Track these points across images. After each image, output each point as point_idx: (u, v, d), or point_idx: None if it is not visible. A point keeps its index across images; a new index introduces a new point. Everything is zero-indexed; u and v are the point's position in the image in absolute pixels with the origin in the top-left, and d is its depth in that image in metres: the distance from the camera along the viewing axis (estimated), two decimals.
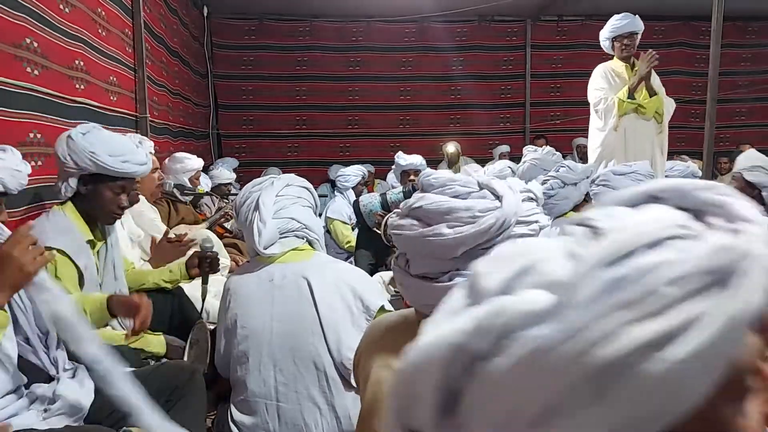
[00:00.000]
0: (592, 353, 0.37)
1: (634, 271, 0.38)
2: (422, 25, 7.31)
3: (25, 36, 2.39)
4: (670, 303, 0.37)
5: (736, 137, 7.33)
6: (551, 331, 0.38)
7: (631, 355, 0.36)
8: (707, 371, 0.37)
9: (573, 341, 0.37)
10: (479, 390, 0.40)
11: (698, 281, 0.38)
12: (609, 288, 0.38)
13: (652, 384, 0.36)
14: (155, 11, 4.58)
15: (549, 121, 7.71)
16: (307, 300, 1.75)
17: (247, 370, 1.75)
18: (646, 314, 0.37)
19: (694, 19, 7.54)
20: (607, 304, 0.38)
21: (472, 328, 0.41)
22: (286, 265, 1.81)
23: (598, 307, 0.38)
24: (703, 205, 0.44)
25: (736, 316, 0.37)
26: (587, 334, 0.37)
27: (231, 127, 7.29)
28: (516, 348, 0.39)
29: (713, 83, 3.83)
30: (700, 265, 0.38)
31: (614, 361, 0.36)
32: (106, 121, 3.30)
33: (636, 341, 0.36)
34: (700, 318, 0.37)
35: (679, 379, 0.36)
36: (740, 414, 0.41)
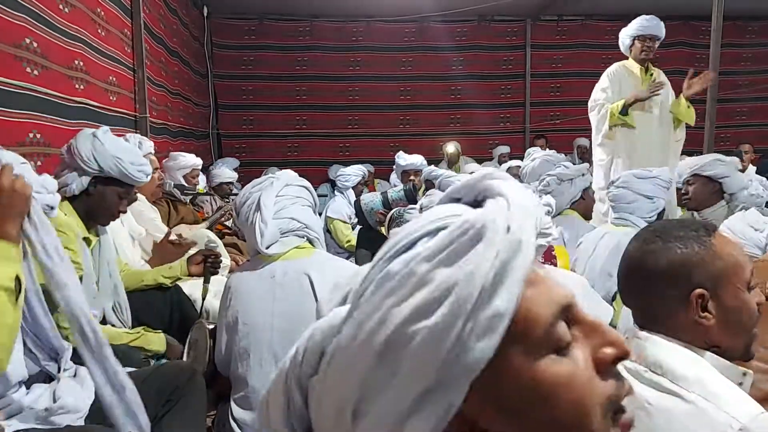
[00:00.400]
0: (373, 339, 0.43)
1: (400, 261, 0.45)
2: (422, 25, 7.31)
3: (25, 36, 2.39)
4: (423, 278, 0.43)
5: (736, 137, 7.32)
6: (345, 333, 0.45)
7: (399, 331, 0.42)
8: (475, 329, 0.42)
9: (358, 335, 0.44)
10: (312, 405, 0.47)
11: (448, 253, 0.44)
12: (380, 282, 0.45)
13: (422, 349, 0.42)
14: (155, 11, 4.58)
15: (549, 121, 7.71)
16: (309, 296, 1.75)
17: (249, 366, 1.75)
18: (407, 293, 0.43)
19: (694, 19, 7.54)
20: (379, 295, 0.44)
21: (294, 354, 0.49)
22: (287, 262, 1.82)
23: (373, 300, 0.44)
24: (481, 193, 0.51)
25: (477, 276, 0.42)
26: (367, 325, 0.44)
27: (231, 127, 7.29)
28: (327, 358, 0.46)
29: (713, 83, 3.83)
30: (449, 238, 0.44)
31: (388, 341, 0.42)
32: (105, 121, 3.30)
33: (400, 318, 0.42)
34: (452, 284, 0.42)
35: (444, 340, 0.41)
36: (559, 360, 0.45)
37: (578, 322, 0.49)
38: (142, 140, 3.03)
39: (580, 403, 0.45)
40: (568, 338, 0.47)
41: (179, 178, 3.86)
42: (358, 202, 3.37)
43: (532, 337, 0.45)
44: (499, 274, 0.43)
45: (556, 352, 0.46)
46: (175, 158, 3.91)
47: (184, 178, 3.90)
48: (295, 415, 0.49)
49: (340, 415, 0.45)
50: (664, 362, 0.92)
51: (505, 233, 0.44)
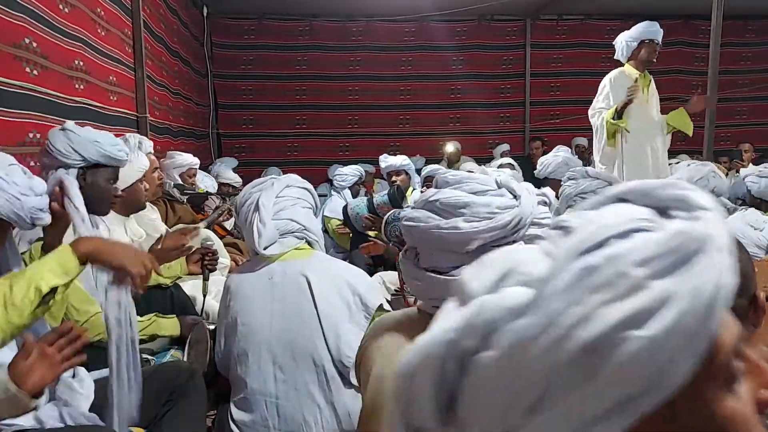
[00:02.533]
0: (572, 336, 0.39)
1: (604, 257, 0.41)
2: (422, 24, 7.31)
3: (25, 36, 2.39)
4: (639, 283, 0.40)
5: (736, 136, 7.32)
6: (532, 321, 0.41)
7: (608, 335, 0.38)
8: (686, 347, 0.39)
9: (553, 328, 0.40)
10: (474, 384, 0.43)
11: (664, 261, 0.40)
12: (581, 275, 0.41)
13: (633, 361, 0.38)
14: (155, 11, 4.58)
15: (549, 120, 7.71)
16: (307, 297, 1.75)
17: (247, 367, 1.75)
18: (619, 295, 0.39)
19: (693, 18, 7.54)
20: (581, 289, 0.40)
21: (460, 325, 0.44)
22: (286, 263, 1.82)
23: (573, 294, 0.40)
24: (665, 201, 0.47)
25: (703, 292, 0.39)
26: (565, 319, 0.39)
27: (231, 127, 7.29)
28: (502, 341, 0.41)
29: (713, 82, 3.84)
30: (665, 246, 0.41)
31: (593, 342, 0.38)
32: (106, 121, 3.30)
33: (612, 321, 0.39)
34: (671, 295, 0.39)
35: (658, 354, 0.38)
36: (729, 396, 0.43)
37: (743, 358, 0.46)
38: (141, 140, 3.03)
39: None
40: (741, 372, 0.45)
41: (176, 176, 3.86)
42: (346, 209, 3.38)
43: (716, 365, 0.42)
44: (716, 295, 0.40)
45: (729, 386, 0.44)
46: (172, 157, 3.92)
47: (181, 176, 3.89)
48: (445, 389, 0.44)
49: (511, 406, 0.41)
50: None
51: (720, 252, 0.42)
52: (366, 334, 1.18)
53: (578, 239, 0.43)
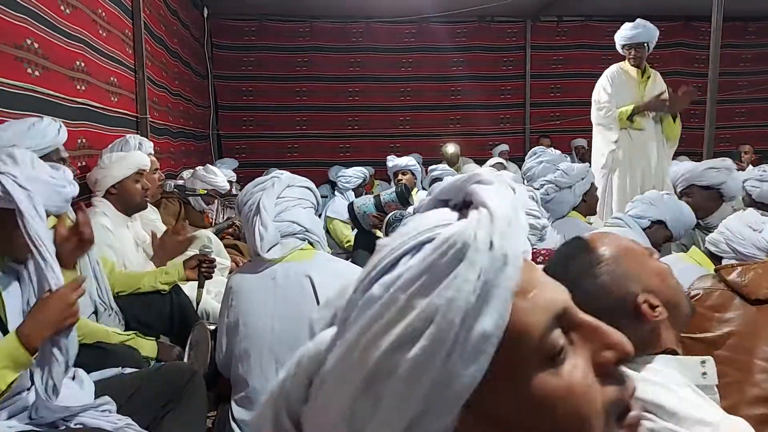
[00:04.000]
0: (358, 368, 0.42)
1: (381, 285, 0.43)
2: (422, 25, 7.32)
3: (26, 37, 2.39)
4: (406, 305, 0.42)
5: (736, 137, 7.33)
6: (329, 361, 0.44)
7: (381, 362, 0.41)
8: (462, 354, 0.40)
9: (344, 363, 0.43)
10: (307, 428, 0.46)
11: (426, 278, 0.42)
12: (363, 308, 0.44)
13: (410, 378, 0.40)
14: (155, 12, 4.59)
15: (549, 122, 7.72)
16: (310, 298, 1.74)
17: (249, 367, 1.75)
18: (389, 323, 0.42)
19: (693, 20, 7.54)
20: (362, 323, 0.43)
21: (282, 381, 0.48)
22: (288, 263, 1.81)
23: (357, 328, 0.43)
24: (466, 196, 0.49)
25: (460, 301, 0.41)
26: (352, 354, 0.42)
27: (231, 128, 7.29)
28: (315, 386, 0.45)
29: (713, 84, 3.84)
30: (426, 261, 0.43)
31: (372, 370, 0.41)
32: (106, 122, 3.31)
33: (382, 348, 0.41)
34: (433, 310, 0.41)
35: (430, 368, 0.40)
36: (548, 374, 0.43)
37: (576, 326, 0.47)
38: (142, 141, 3.03)
39: (580, 414, 0.43)
40: (561, 344, 0.45)
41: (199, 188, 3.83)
42: (352, 207, 3.37)
43: (524, 350, 0.43)
44: (483, 295, 0.41)
45: (552, 361, 0.44)
46: (213, 173, 3.87)
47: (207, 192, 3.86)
48: None
49: None
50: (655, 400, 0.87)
51: (488, 249, 0.42)
52: None
53: (372, 265, 0.46)
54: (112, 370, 1.79)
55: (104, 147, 2.94)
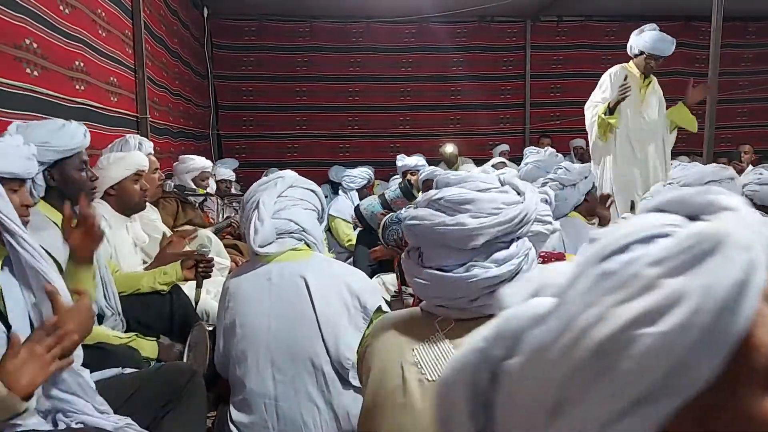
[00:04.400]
0: (586, 337, 0.40)
1: (621, 262, 0.42)
2: (422, 25, 7.32)
3: (25, 37, 2.39)
4: (652, 282, 0.40)
5: (737, 138, 7.33)
6: (550, 326, 0.42)
7: (621, 333, 0.39)
8: (703, 345, 0.39)
9: (568, 330, 0.41)
10: (504, 392, 0.45)
11: (677, 260, 0.41)
12: (597, 280, 0.42)
13: (645, 358, 0.39)
14: (155, 12, 4.59)
15: (549, 122, 7.72)
16: (305, 299, 1.74)
17: (246, 369, 1.75)
18: (631, 295, 0.40)
19: (694, 20, 7.54)
20: (596, 292, 0.41)
21: (489, 336, 0.46)
22: (284, 264, 1.80)
23: (587, 298, 0.42)
24: (697, 207, 0.47)
25: (716, 290, 0.39)
26: (580, 322, 0.41)
27: (231, 128, 7.29)
28: (525, 347, 0.43)
29: (713, 84, 3.84)
30: (678, 246, 0.41)
31: (606, 341, 0.40)
32: (106, 122, 3.31)
33: (624, 319, 0.40)
34: (684, 293, 0.39)
35: (671, 351, 0.38)
36: None
37: None
38: (142, 141, 3.02)
39: None
40: None
41: (188, 181, 3.83)
42: (358, 209, 3.36)
43: (754, 366, 0.41)
44: (736, 293, 0.40)
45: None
46: (184, 161, 3.89)
47: (194, 181, 3.87)
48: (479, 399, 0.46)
49: (535, 410, 0.43)
50: None
51: (741, 250, 0.41)
52: (368, 333, 1.19)
53: (601, 246, 0.44)
54: (112, 370, 1.79)
55: (104, 147, 2.94)
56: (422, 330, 1.06)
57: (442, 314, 1.06)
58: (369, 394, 1.10)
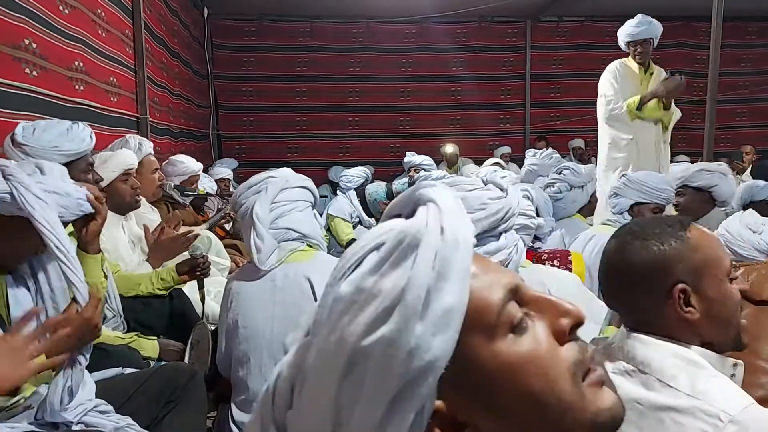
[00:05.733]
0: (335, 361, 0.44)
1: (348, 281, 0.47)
2: (422, 25, 7.31)
3: (25, 37, 2.39)
4: (371, 292, 0.45)
5: (736, 138, 7.33)
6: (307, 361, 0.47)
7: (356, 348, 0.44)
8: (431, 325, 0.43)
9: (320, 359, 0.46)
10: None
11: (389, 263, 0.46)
12: (333, 305, 0.47)
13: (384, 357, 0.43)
14: (155, 12, 4.59)
15: (549, 122, 7.71)
16: (309, 300, 1.73)
17: (249, 370, 1.74)
18: (359, 308, 0.45)
19: (694, 20, 7.54)
20: (333, 318, 0.46)
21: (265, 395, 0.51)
22: (287, 265, 1.79)
23: (329, 324, 0.46)
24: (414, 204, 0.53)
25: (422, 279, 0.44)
26: (327, 348, 0.45)
27: (231, 128, 7.29)
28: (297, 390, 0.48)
29: (713, 84, 3.84)
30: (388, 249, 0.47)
31: (350, 357, 0.44)
32: (106, 122, 3.31)
33: (356, 333, 0.44)
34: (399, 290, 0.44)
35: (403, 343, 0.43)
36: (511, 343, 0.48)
37: (530, 301, 0.51)
38: (142, 141, 3.02)
39: (547, 374, 0.48)
40: (520, 315, 0.49)
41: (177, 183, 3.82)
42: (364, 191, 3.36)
43: (487, 322, 0.47)
44: (441, 272, 0.45)
45: (513, 332, 0.48)
46: (174, 164, 3.86)
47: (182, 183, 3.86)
48: None
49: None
50: (653, 360, 0.92)
51: (440, 234, 0.46)
52: None
53: (335, 272, 0.49)
54: (112, 370, 1.79)
55: (104, 147, 2.93)
56: None
57: None
58: None
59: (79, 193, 1.51)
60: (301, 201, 1.87)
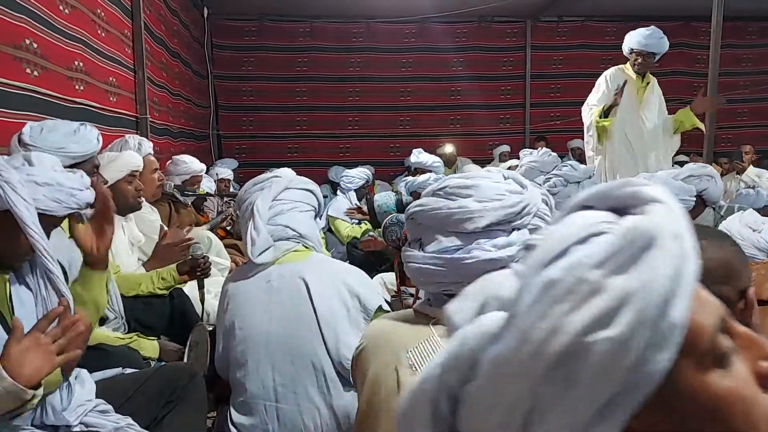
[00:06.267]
0: (544, 350, 0.40)
1: (563, 267, 0.42)
2: (422, 25, 7.31)
3: (25, 37, 2.39)
4: (597, 286, 0.41)
5: (736, 137, 7.33)
6: (506, 342, 0.42)
7: (577, 342, 0.40)
8: (654, 339, 0.40)
9: (525, 345, 0.41)
10: (468, 415, 0.44)
11: (618, 260, 0.42)
12: (544, 289, 0.42)
13: (605, 361, 0.39)
14: (155, 12, 4.59)
15: (549, 122, 7.71)
16: (305, 300, 1.73)
17: (246, 371, 1.74)
18: (580, 302, 0.41)
19: (694, 20, 7.54)
20: (545, 303, 0.42)
21: (445, 360, 0.46)
22: (283, 266, 1.79)
23: (538, 308, 0.42)
24: (622, 200, 0.48)
25: (657, 285, 0.41)
26: (535, 334, 0.41)
27: (231, 128, 7.29)
28: (484, 368, 0.43)
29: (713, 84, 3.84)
30: (616, 245, 0.42)
31: (565, 351, 0.40)
32: (106, 122, 3.30)
33: (577, 327, 0.40)
34: (629, 292, 0.40)
35: (627, 351, 0.39)
36: (720, 376, 0.44)
37: (735, 335, 0.47)
38: (141, 141, 3.02)
39: (751, 416, 0.44)
40: (728, 347, 0.45)
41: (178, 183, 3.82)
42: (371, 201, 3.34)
43: (697, 348, 0.43)
44: (675, 283, 0.41)
45: (719, 364, 0.44)
46: (177, 163, 3.88)
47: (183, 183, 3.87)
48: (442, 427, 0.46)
49: (505, 426, 0.43)
50: None
51: (674, 240, 0.43)
52: (363, 335, 1.18)
53: (540, 253, 0.45)
54: (112, 370, 1.79)
55: (104, 147, 2.93)
56: (417, 332, 1.05)
57: (436, 315, 1.05)
58: (364, 399, 1.09)
59: (73, 181, 1.45)
60: (303, 203, 1.88)
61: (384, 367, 1.05)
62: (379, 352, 1.08)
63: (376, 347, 1.10)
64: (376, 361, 1.08)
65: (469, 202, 1.02)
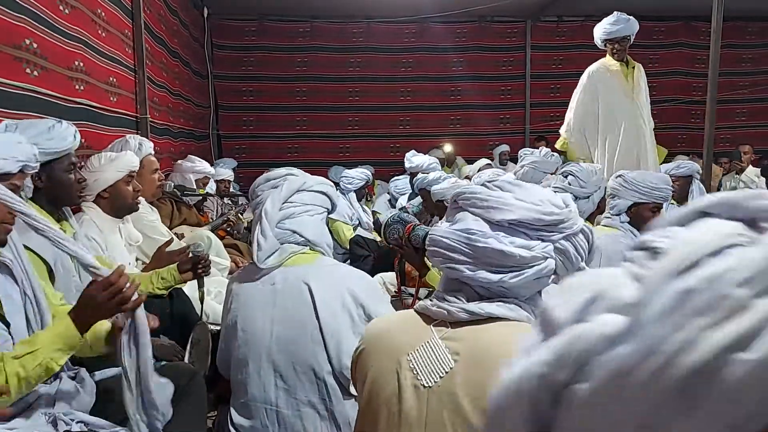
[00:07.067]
0: (675, 364, 0.37)
1: (702, 279, 0.39)
2: (422, 25, 7.31)
3: (25, 37, 2.39)
4: (743, 304, 0.38)
5: (737, 138, 7.32)
6: (630, 350, 0.39)
7: (714, 360, 0.37)
8: None
9: (654, 356, 0.38)
10: (569, 417, 0.42)
11: (766, 280, 0.38)
12: (681, 298, 0.39)
13: (739, 386, 0.37)
14: (155, 12, 4.59)
15: (549, 122, 7.71)
16: (308, 306, 1.71)
17: (248, 374, 1.74)
18: (722, 318, 0.38)
19: (694, 20, 7.54)
20: (681, 314, 0.39)
21: (552, 358, 0.43)
22: (288, 268, 1.77)
23: (673, 319, 0.39)
24: (754, 212, 0.45)
25: None
26: (667, 346, 0.38)
27: (231, 128, 7.29)
28: (598, 372, 0.40)
29: (713, 84, 3.84)
30: (763, 265, 0.39)
31: (698, 369, 0.37)
32: (106, 122, 3.31)
33: (717, 344, 0.37)
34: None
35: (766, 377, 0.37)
36: None
37: None
38: (142, 141, 3.02)
39: None
40: None
41: (191, 179, 3.85)
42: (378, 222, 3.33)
43: None
44: None
45: None
46: (193, 161, 3.92)
47: (196, 182, 3.90)
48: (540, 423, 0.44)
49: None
50: None
51: None
52: (363, 336, 1.18)
53: (671, 260, 0.42)
54: (112, 370, 1.79)
55: (104, 147, 2.93)
56: (417, 333, 1.05)
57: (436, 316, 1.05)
58: (364, 401, 1.08)
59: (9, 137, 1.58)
60: (315, 206, 1.84)
61: (384, 369, 1.05)
62: (380, 353, 1.08)
63: (376, 348, 1.09)
64: (376, 363, 1.07)
65: (508, 196, 1.04)
